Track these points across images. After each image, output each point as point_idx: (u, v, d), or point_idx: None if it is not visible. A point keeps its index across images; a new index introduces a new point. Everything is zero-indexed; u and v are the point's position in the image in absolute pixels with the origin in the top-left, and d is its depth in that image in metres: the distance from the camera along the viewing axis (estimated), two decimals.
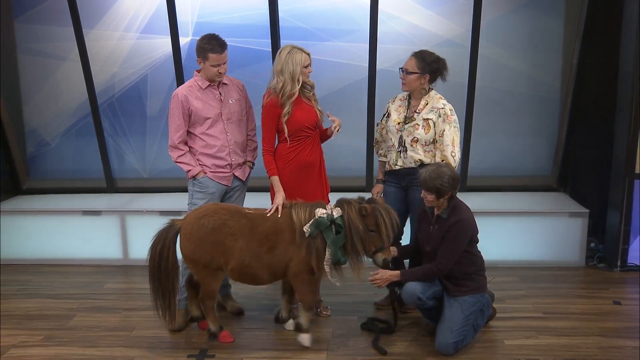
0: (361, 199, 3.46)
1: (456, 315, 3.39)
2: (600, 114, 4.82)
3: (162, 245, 3.47)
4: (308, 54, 3.61)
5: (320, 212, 3.39)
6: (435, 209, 3.48)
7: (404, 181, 3.75)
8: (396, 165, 3.73)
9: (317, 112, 3.71)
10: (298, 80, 3.57)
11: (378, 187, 3.91)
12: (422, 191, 3.40)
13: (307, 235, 3.37)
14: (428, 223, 3.52)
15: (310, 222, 3.38)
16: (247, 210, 3.55)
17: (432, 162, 3.61)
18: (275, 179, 3.64)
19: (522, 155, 5.28)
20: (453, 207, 3.40)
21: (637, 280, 4.44)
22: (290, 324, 3.74)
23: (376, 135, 3.97)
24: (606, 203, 4.79)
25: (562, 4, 4.87)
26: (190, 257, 3.46)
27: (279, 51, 3.63)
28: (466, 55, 4.89)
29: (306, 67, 3.59)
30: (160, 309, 3.58)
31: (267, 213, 3.50)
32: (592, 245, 4.86)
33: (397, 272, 3.45)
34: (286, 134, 3.62)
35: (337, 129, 3.72)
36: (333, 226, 3.37)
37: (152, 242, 3.52)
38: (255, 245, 3.42)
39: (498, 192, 5.22)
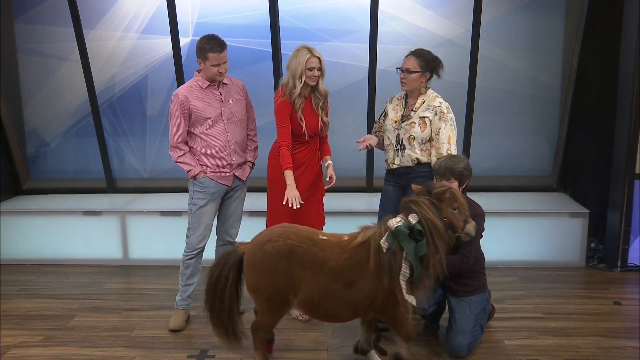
0: (417, 195, 2.99)
1: (467, 316, 3.37)
2: (600, 114, 4.82)
3: (219, 271, 3.10)
4: (318, 58, 3.56)
5: (394, 221, 2.94)
6: None
7: (402, 180, 3.74)
8: (394, 164, 3.74)
9: (320, 121, 3.70)
10: (300, 78, 3.56)
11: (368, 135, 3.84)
12: (443, 181, 3.25)
13: (384, 250, 2.89)
14: None
15: (385, 235, 2.91)
16: (320, 237, 3.04)
17: (429, 160, 3.60)
18: (289, 173, 3.59)
19: (522, 155, 5.28)
20: (468, 202, 3.20)
21: (637, 281, 4.44)
22: (373, 356, 3.28)
23: (374, 132, 3.97)
24: (606, 203, 4.79)
25: (562, 4, 4.88)
26: (253, 287, 3.06)
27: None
28: (466, 55, 4.89)
29: (311, 69, 3.56)
30: (219, 334, 3.23)
31: (284, 202, 3.46)
32: (593, 245, 4.86)
33: None
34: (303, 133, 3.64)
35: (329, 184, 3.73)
36: (411, 235, 2.89)
37: (211, 266, 3.17)
38: (328, 281, 2.94)
39: (498, 193, 5.22)
